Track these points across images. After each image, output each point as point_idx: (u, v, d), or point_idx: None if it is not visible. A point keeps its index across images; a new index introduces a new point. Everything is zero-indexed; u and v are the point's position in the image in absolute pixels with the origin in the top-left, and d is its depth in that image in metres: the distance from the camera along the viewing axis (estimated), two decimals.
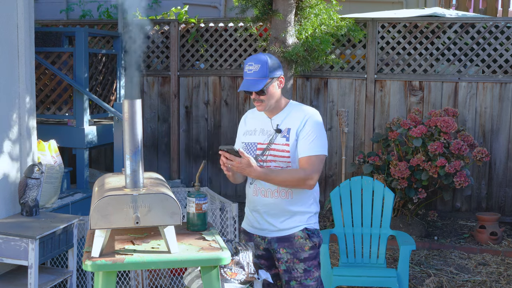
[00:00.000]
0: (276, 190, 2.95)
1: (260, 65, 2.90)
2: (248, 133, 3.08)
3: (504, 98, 6.49)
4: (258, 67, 2.90)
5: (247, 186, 3.09)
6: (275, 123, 3.00)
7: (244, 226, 3.16)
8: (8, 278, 3.95)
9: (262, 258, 3.08)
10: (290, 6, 5.84)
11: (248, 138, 3.06)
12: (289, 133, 2.95)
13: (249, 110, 3.26)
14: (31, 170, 3.97)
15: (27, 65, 4.22)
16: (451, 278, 5.00)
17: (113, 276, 2.43)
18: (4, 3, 4.03)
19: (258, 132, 3.04)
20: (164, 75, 7.31)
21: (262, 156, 2.98)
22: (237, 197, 7.10)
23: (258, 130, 3.04)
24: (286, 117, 2.99)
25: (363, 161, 6.16)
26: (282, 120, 2.99)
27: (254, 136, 3.04)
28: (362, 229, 4.58)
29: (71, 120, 5.78)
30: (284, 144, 2.94)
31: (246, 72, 2.92)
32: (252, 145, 3.03)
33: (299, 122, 2.95)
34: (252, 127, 3.08)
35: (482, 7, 9.52)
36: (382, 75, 6.73)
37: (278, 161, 2.94)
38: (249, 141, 3.05)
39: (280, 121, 2.99)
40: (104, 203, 2.39)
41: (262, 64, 2.91)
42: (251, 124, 3.11)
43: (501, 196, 6.57)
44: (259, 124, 3.05)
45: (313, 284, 3.01)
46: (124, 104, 2.54)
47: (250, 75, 2.91)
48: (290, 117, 2.99)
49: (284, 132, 2.96)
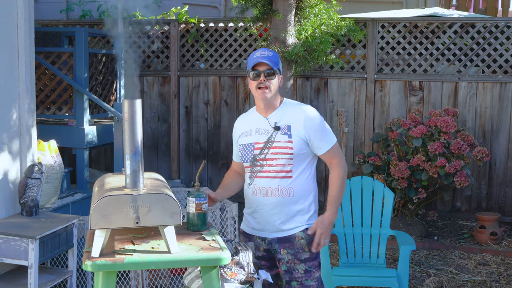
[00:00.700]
0: (277, 189, 2.95)
1: (273, 54, 2.99)
2: (243, 135, 3.07)
3: (504, 98, 6.49)
4: (271, 54, 2.98)
5: (246, 187, 3.08)
6: (272, 121, 3.00)
7: (244, 228, 3.15)
8: (8, 278, 3.95)
9: (263, 259, 3.08)
10: (290, 6, 5.84)
11: (244, 140, 3.06)
12: (290, 130, 2.96)
13: (238, 117, 3.26)
14: (31, 170, 3.97)
15: (27, 65, 4.22)
16: (451, 278, 5.00)
17: (113, 276, 2.43)
18: (4, 3, 4.03)
19: (254, 132, 3.03)
20: (164, 75, 7.31)
21: (260, 155, 2.97)
22: (237, 197, 7.05)
23: (254, 130, 3.03)
24: (283, 115, 3.00)
25: (363, 161, 6.16)
26: (280, 118, 2.99)
27: (250, 137, 3.03)
28: (362, 229, 4.58)
29: (71, 120, 5.78)
30: (287, 141, 2.94)
31: (259, 56, 2.97)
32: (249, 146, 3.02)
33: (301, 120, 2.96)
34: (246, 129, 3.08)
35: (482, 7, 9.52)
36: (382, 75, 6.73)
37: (280, 159, 2.94)
38: (246, 143, 3.04)
39: (278, 118, 2.99)
40: (104, 203, 2.39)
41: (274, 54, 3.01)
42: (244, 126, 3.10)
43: (501, 196, 6.57)
44: (254, 124, 3.05)
45: (314, 285, 3.01)
46: (124, 104, 2.54)
47: (264, 57, 2.96)
48: (288, 115, 2.99)
49: (284, 129, 2.96)
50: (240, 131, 3.11)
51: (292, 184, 2.95)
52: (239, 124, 3.17)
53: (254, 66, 2.96)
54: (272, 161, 2.95)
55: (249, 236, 3.10)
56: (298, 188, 2.96)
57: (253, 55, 3.01)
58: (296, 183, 2.96)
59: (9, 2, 4.08)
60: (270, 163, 2.95)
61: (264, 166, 2.96)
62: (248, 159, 3.01)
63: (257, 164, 2.97)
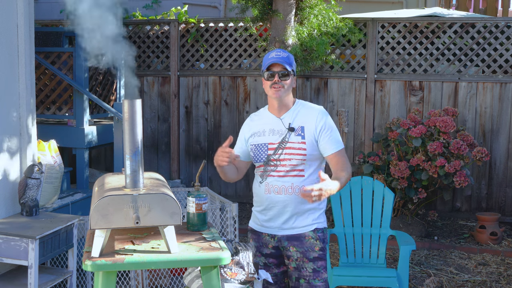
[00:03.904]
0: (290, 187, 2.98)
1: (288, 55, 3.02)
2: (256, 135, 3.09)
3: (504, 98, 6.49)
4: (286, 55, 3.01)
5: (256, 186, 3.09)
6: (286, 121, 3.02)
7: (252, 225, 3.17)
8: (8, 278, 3.95)
9: (270, 257, 3.10)
10: (290, 6, 5.85)
11: (256, 140, 3.07)
12: (303, 131, 2.99)
13: (252, 113, 3.27)
14: (31, 170, 3.97)
15: (27, 65, 4.22)
16: (451, 278, 5.00)
17: (113, 276, 2.43)
18: (4, 3, 4.03)
19: (267, 132, 3.05)
20: (164, 75, 7.31)
21: (274, 156, 3.00)
22: (237, 197, 7.10)
23: (267, 130, 3.05)
24: (297, 116, 3.03)
25: (363, 161, 6.16)
26: (294, 119, 3.02)
27: (264, 137, 3.05)
28: (362, 229, 4.58)
29: (71, 120, 5.78)
30: (301, 142, 2.98)
31: (274, 56, 2.99)
32: (262, 146, 3.04)
33: (314, 121, 3.00)
34: (259, 128, 3.09)
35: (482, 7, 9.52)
36: (382, 75, 6.73)
37: (294, 159, 2.97)
38: (259, 143, 3.06)
39: (292, 119, 3.02)
40: (104, 203, 2.39)
41: (289, 55, 3.04)
42: (257, 125, 3.11)
43: (501, 196, 6.57)
44: (268, 125, 3.07)
45: (321, 285, 3.02)
46: (124, 104, 2.54)
47: (279, 58, 2.98)
48: (301, 115, 3.03)
49: (298, 130, 3.00)
50: (252, 130, 3.12)
51: (304, 182, 2.98)
52: (251, 122, 3.17)
53: (269, 66, 2.99)
54: (286, 161, 2.98)
55: (257, 233, 3.12)
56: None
57: (268, 55, 3.04)
58: (308, 182, 2.98)
59: (9, 2, 4.08)
60: (283, 163, 2.98)
61: (278, 166, 2.99)
62: (262, 159, 3.03)
63: (271, 164, 3.00)
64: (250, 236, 3.17)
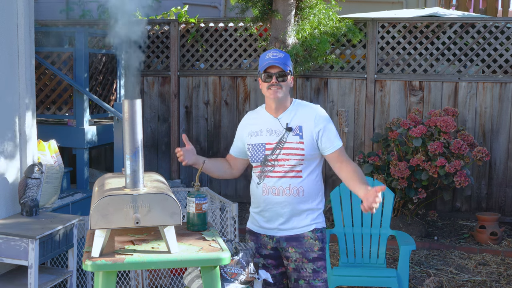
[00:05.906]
0: (288, 188, 2.97)
1: (284, 55, 3.02)
2: (253, 134, 3.08)
3: (504, 98, 6.49)
4: (283, 56, 3.01)
5: (254, 187, 3.08)
6: (284, 121, 3.01)
7: (250, 226, 3.16)
8: (8, 278, 3.95)
9: (269, 258, 3.09)
10: (290, 6, 5.85)
11: (254, 140, 3.06)
12: (301, 130, 2.98)
13: (249, 111, 3.26)
14: (31, 170, 3.97)
15: (27, 65, 4.22)
16: (451, 278, 5.00)
17: (113, 276, 2.43)
18: (4, 3, 4.03)
19: (264, 132, 3.04)
20: (164, 75, 7.31)
21: (272, 156, 2.99)
22: (237, 197, 7.10)
23: (265, 130, 3.04)
24: (295, 116, 3.02)
25: (363, 161, 6.16)
26: (291, 119, 3.01)
27: (261, 137, 3.04)
28: (362, 229, 4.58)
29: (71, 120, 5.78)
30: (299, 142, 2.97)
31: (271, 58, 2.98)
32: (260, 146, 3.03)
33: (312, 120, 2.99)
34: (256, 128, 3.08)
35: (482, 7, 9.53)
36: (382, 75, 6.73)
37: (292, 159, 2.96)
38: (256, 142, 3.05)
39: (289, 119, 3.01)
40: (104, 203, 2.39)
41: (286, 55, 3.03)
42: (254, 125, 3.10)
43: (501, 196, 6.57)
44: (265, 125, 3.06)
45: (321, 285, 3.01)
46: (124, 104, 2.54)
47: (276, 59, 2.98)
48: (298, 115, 3.02)
49: (296, 130, 2.99)
50: (249, 129, 3.11)
51: (302, 183, 2.98)
52: (248, 121, 3.17)
53: (266, 68, 2.98)
54: (284, 161, 2.97)
55: (256, 234, 3.11)
56: (308, 187, 2.99)
57: (264, 56, 3.02)
58: (306, 182, 2.98)
59: (9, 2, 4.08)
60: (281, 163, 2.97)
61: (275, 167, 2.98)
62: (259, 159, 3.02)
63: (268, 165, 2.99)
64: (248, 238, 3.16)
